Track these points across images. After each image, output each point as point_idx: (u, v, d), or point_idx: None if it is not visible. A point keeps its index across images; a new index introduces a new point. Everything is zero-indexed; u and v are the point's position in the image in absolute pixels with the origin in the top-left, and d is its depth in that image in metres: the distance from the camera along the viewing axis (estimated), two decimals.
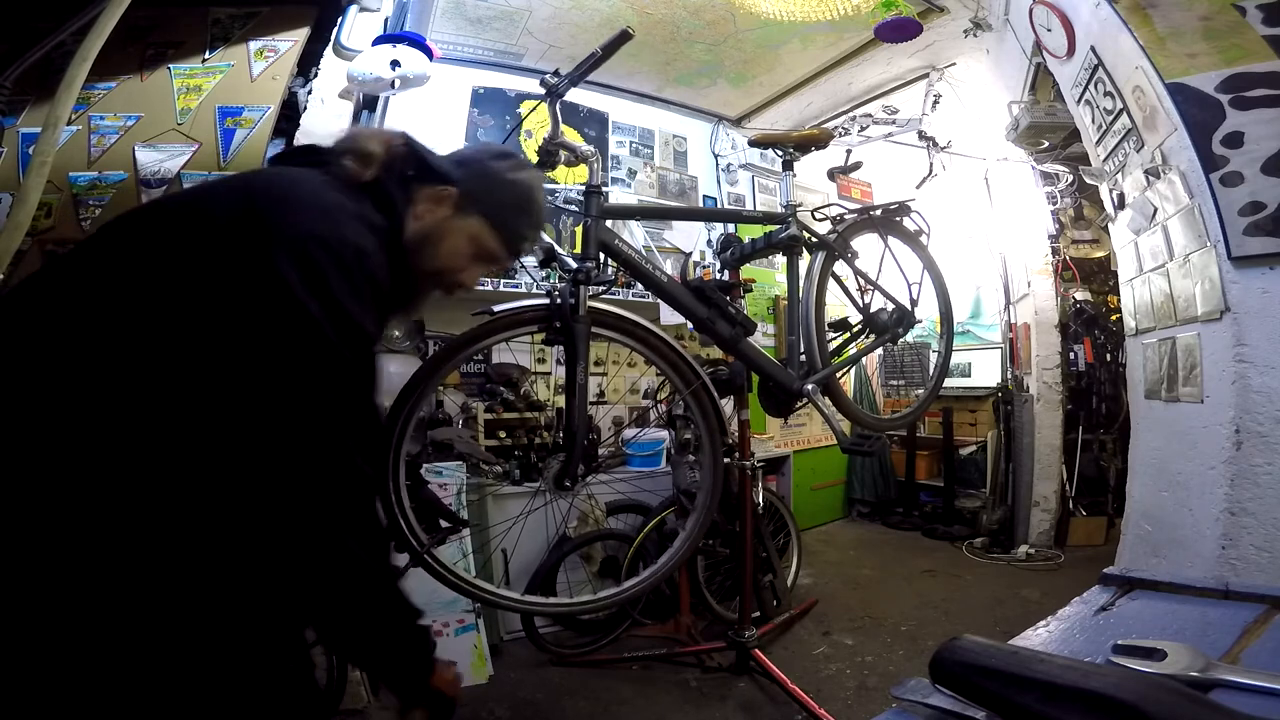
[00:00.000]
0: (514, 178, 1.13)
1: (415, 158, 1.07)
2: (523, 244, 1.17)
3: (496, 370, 3.17)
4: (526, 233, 1.16)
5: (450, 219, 1.08)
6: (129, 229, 0.87)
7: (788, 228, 1.93)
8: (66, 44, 0.88)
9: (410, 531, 1.43)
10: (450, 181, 1.07)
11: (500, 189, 1.11)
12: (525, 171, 1.16)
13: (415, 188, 1.07)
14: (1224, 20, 1.83)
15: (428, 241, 1.06)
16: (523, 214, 1.14)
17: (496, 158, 1.14)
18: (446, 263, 1.09)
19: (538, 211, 1.17)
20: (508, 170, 1.13)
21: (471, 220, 1.09)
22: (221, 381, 0.79)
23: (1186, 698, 0.42)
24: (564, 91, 1.53)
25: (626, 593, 1.71)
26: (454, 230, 1.08)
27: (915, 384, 4.84)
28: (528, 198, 1.15)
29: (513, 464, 2.91)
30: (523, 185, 1.14)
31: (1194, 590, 0.70)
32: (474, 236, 1.10)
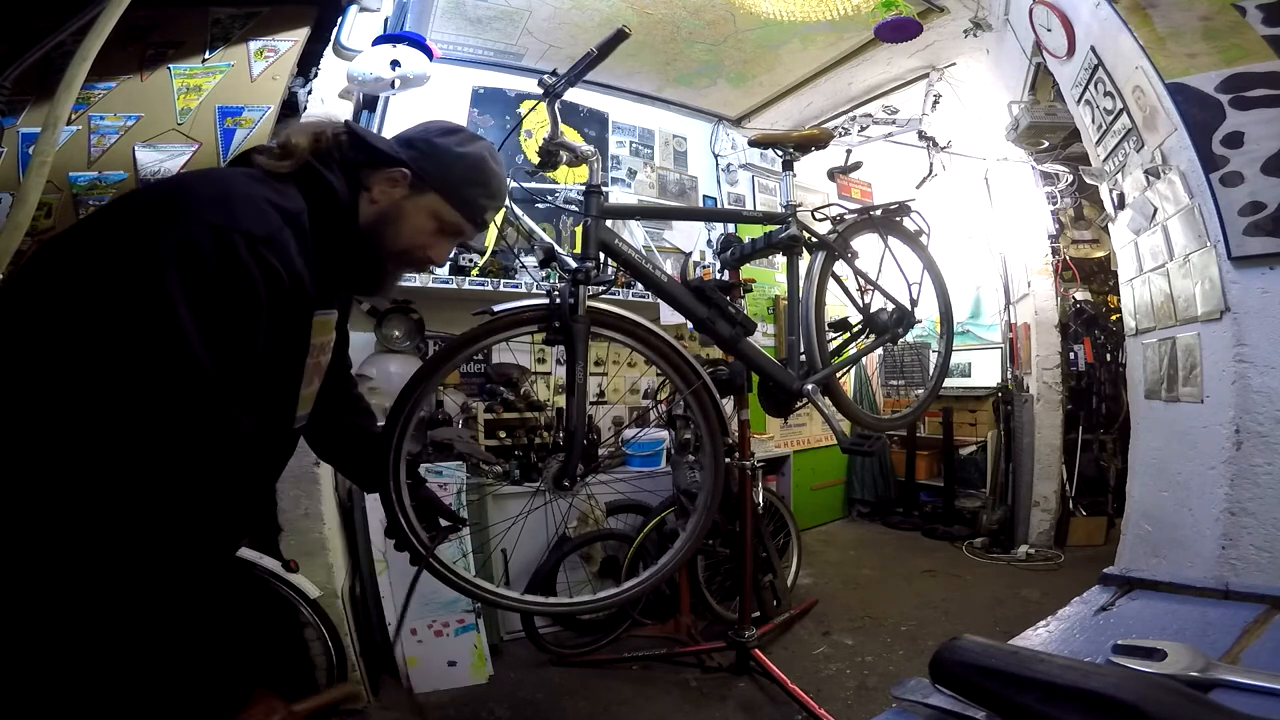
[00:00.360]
0: (464, 150, 1.15)
1: (359, 144, 1.09)
2: (483, 214, 1.19)
3: (496, 370, 3.17)
4: (484, 202, 1.18)
5: (406, 199, 1.11)
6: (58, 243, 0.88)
7: (788, 228, 1.93)
8: (66, 44, 0.88)
9: (411, 531, 1.43)
10: (401, 163, 1.09)
11: (452, 163, 1.13)
12: (475, 144, 1.17)
13: (366, 173, 1.09)
14: (1224, 20, 1.83)
15: (387, 223, 1.10)
16: (477, 185, 1.16)
17: (444, 134, 1.16)
18: (411, 240, 1.13)
19: (493, 180, 1.19)
20: (456, 145, 1.15)
21: (428, 197, 1.12)
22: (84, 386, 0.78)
23: (1186, 698, 0.42)
24: (562, 92, 1.53)
25: (626, 593, 1.70)
26: (413, 209, 1.11)
27: (915, 384, 4.84)
28: (480, 168, 1.16)
29: (513, 464, 2.91)
30: (474, 156, 1.15)
31: (1194, 590, 0.70)
32: (433, 212, 1.13)
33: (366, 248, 1.09)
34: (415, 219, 1.12)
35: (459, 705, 2.30)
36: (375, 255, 1.11)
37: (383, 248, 1.11)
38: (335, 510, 2.37)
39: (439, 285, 2.99)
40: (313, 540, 2.16)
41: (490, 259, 3.21)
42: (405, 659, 2.38)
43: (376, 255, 1.11)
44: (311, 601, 2.01)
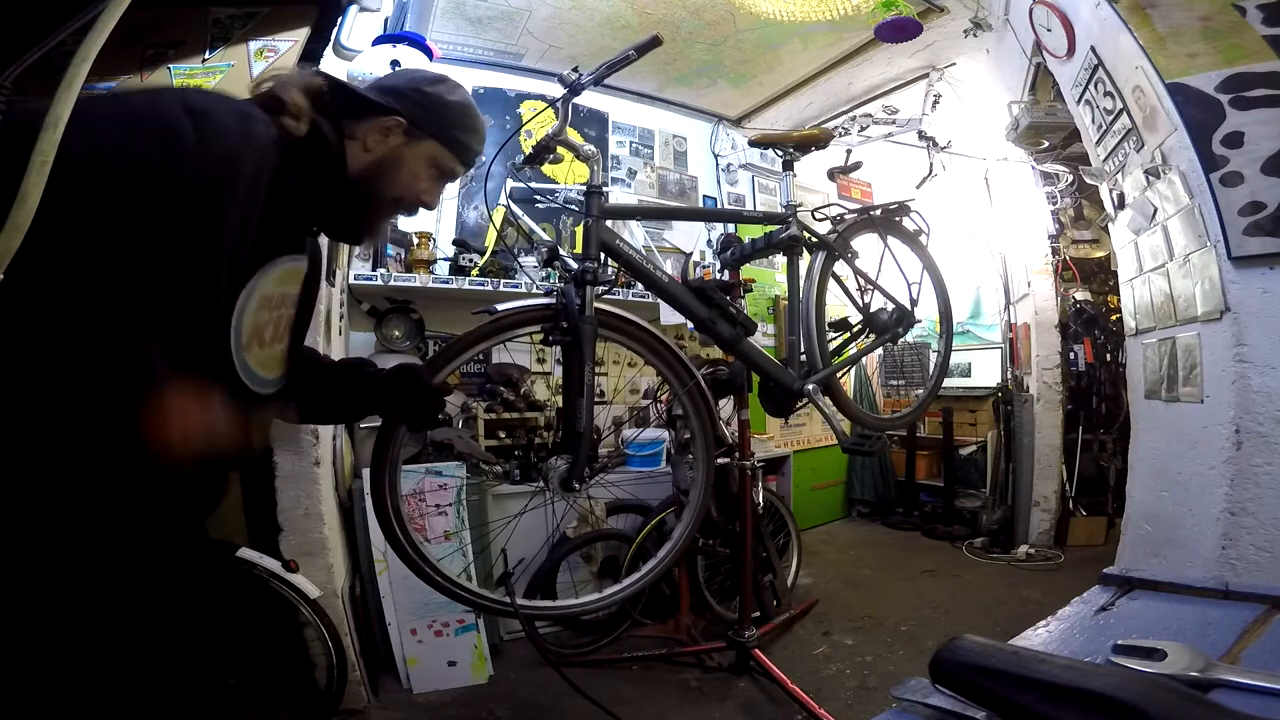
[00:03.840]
0: (454, 99, 1.20)
1: (342, 93, 1.11)
2: (475, 156, 1.25)
3: (496, 370, 3.17)
4: (476, 146, 1.24)
5: (404, 146, 1.14)
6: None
7: (788, 228, 1.93)
8: (66, 44, 0.88)
9: (405, 536, 1.43)
10: (394, 111, 1.12)
11: (446, 110, 1.18)
12: (461, 91, 1.22)
13: (349, 122, 1.11)
14: (1224, 20, 1.83)
15: (384, 170, 1.13)
16: (472, 131, 1.22)
17: (432, 83, 1.20)
18: (409, 187, 1.17)
19: (482, 126, 1.25)
20: (448, 93, 1.19)
21: (426, 144, 1.16)
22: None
23: (1186, 698, 0.42)
24: (584, 89, 1.53)
25: (610, 599, 1.73)
26: (410, 156, 1.15)
27: (915, 384, 4.84)
28: (471, 114, 1.22)
29: (512, 464, 2.91)
30: (465, 105, 1.21)
31: (1194, 590, 0.70)
32: (431, 158, 1.17)
33: (356, 194, 1.11)
34: (413, 165, 1.15)
35: (459, 705, 2.30)
36: (367, 201, 1.13)
37: (377, 195, 1.14)
38: (335, 510, 2.37)
39: (439, 285, 2.98)
40: (313, 540, 2.16)
41: (490, 259, 3.21)
42: (405, 659, 2.38)
43: (369, 201, 1.14)
44: (311, 601, 2.01)
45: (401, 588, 2.38)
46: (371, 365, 1.30)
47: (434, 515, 2.47)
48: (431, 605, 2.34)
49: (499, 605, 1.55)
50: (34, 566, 0.82)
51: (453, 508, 2.49)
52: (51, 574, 0.83)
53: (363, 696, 2.21)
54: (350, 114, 1.11)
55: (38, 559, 0.82)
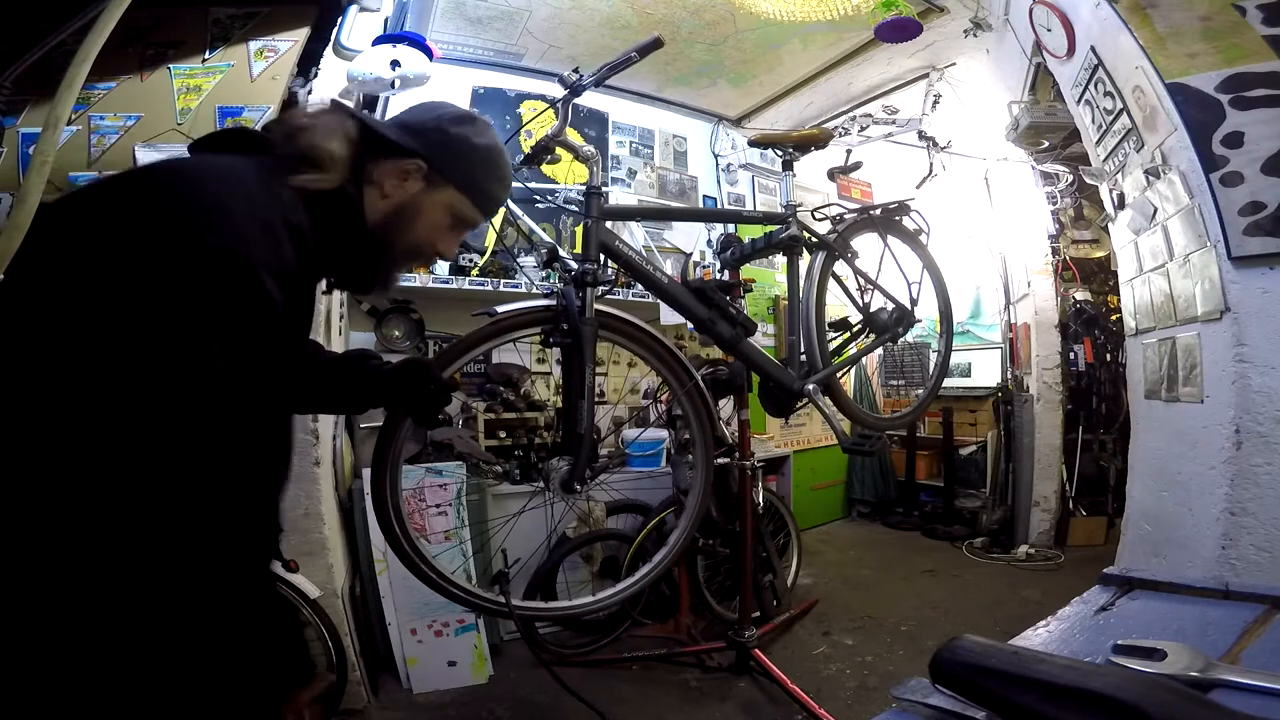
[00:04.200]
0: (482, 143, 1.10)
1: (366, 135, 1.02)
2: (497, 206, 1.17)
3: (496, 370, 3.17)
4: (501, 195, 1.15)
5: (423, 193, 1.04)
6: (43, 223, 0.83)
7: (788, 228, 1.93)
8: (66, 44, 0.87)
9: (404, 534, 1.43)
10: (413, 153, 1.02)
11: (470, 156, 1.08)
12: (489, 133, 1.12)
13: (369, 164, 1.01)
14: (1224, 20, 1.83)
15: (401, 219, 1.03)
16: (495, 180, 1.12)
17: (459, 123, 1.09)
18: (425, 237, 1.07)
19: (509, 174, 1.16)
20: (475, 136, 1.09)
21: (446, 192, 1.06)
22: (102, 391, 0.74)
23: (1186, 698, 0.42)
24: (585, 89, 1.52)
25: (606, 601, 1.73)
26: (429, 205, 1.05)
27: (915, 384, 4.84)
28: (498, 161, 1.12)
29: (513, 464, 2.91)
30: (494, 150, 1.11)
31: (1194, 590, 0.70)
32: (451, 208, 1.08)
33: (373, 246, 1.02)
34: (431, 215, 1.06)
35: (459, 705, 2.30)
36: (382, 251, 1.04)
37: (393, 245, 1.04)
38: (335, 510, 2.37)
39: (439, 285, 2.98)
40: (313, 540, 2.16)
41: (490, 259, 3.21)
42: (405, 659, 2.38)
43: (384, 251, 1.04)
44: (311, 601, 2.01)
45: (401, 588, 2.38)
46: (376, 357, 1.26)
47: (434, 515, 2.47)
48: (431, 605, 2.34)
49: (495, 605, 1.54)
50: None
51: (452, 507, 2.49)
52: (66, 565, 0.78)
53: (363, 696, 2.21)
54: (370, 155, 1.01)
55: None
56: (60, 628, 0.73)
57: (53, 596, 0.73)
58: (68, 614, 0.73)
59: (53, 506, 0.73)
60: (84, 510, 0.73)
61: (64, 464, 0.73)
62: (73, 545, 0.73)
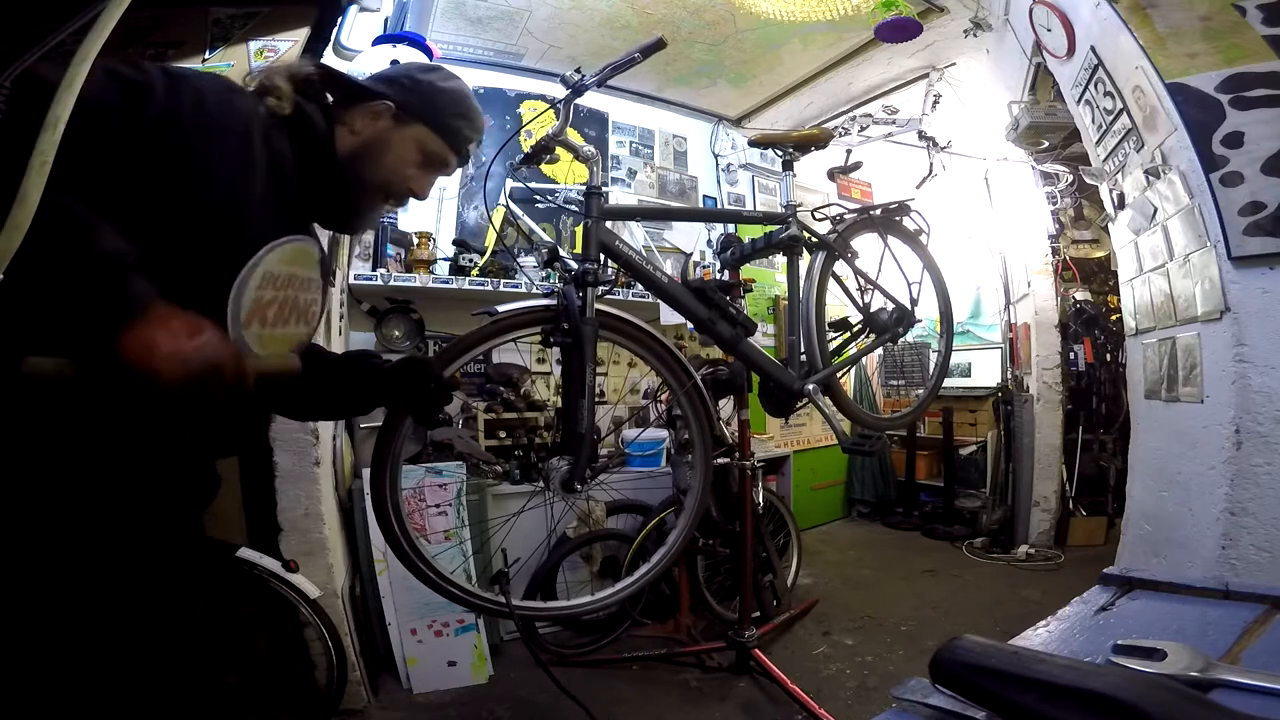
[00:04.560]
0: (447, 85, 1.17)
1: (334, 81, 1.12)
2: (467, 144, 1.21)
3: (496, 370, 3.17)
4: (469, 133, 1.20)
5: (391, 129, 1.12)
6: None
7: (788, 228, 1.93)
8: (66, 44, 0.87)
9: (404, 533, 1.43)
10: (383, 96, 1.11)
11: (437, 96, 1.15)
12: (456, 80, 1.20)
13: (340, 110, 1.10)
14: (1224, 20, 1.83)
15: (370, 153, 1.10)
16: (462, 118, 1.18)
17: (426, 71, 1.18)
18: (395, 171, 1.13)
19: (475, 114, 1.21)
20: (440, 80, 1.17)
21: (414, 128, 1.13)
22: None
23: (1186, 698, 0.42)
24: (586, 90, 1.52)
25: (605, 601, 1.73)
26: (398, 139, 1.12)
27: (915, 384, 4.84)
28: (464, 101, 1.19)
29: (513, 464, 2.91)
30: (457, 90, 1.18)
31: (1194, 590, 0.70)
32: (419, 142, 1.14)
33: (344, 178, 1.09)
34: (400, 149, 1.13)
35: (459, 705, 2.30)
36: (353, 185, 1.11)
37: (363, 178, 1.11)
38: (335, 510, 2.37)
39: (439, 285, 2.99)
40: (313, 540, 2.16)
41: (490, 259, 3.21)
42: (405, 659, 2.38)
43: (355, 185, 1.11)
44: (311, 601, 2.01)
45: (401, 588, 2.38)
46: (376, 356, 1.26)
47: (434, 515, 2.48)
48: (431, 605, 2.34)
49: (494, 606, 1.54)
50: (26, 556, 0.82)
51: (452, 507, 2.49)
52: (45, 563, 0.84)
53: (363, 696, 2.21)
54: (344, 101, 1.11)
55: (31, 548, 0.82)
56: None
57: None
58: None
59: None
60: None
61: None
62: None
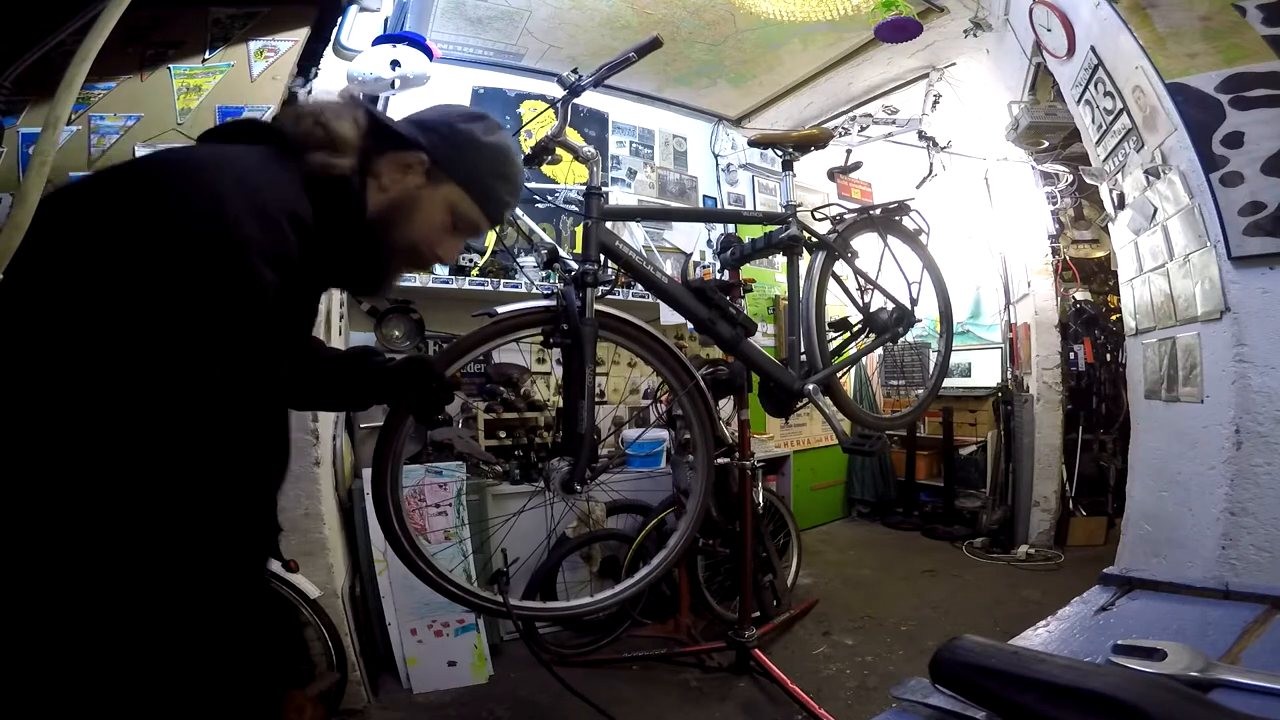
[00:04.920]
0: (490, 140, 1.05)
1: (374, 126, 0.99)
2: (504, 211, 1.11)
3: (496, 370, 3.17)
4: (507, 199, 1.09)
5: (423, 188, 1.00)
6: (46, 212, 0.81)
7: (788, 228, 1.93)
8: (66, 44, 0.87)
9: (404, 534, 1.43)
10: (417, 146, 0.99)
11: (476, 153, 1.03)
12: (500, 133, 1.08)
13: (374, 157, 0.98)
14: (1224, 20, 1.83)
15: (398, 213, 0.98)
16: (502, 179, 1.07)
17: (468, 120, 1.05)
18: (422, 235, 1.01)
19: (517, 175, 1.11)
20: (483, 133, 1.04)
21: (447, 188, 1.01)
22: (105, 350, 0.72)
23: (1186, 698, 0.42)
24: (583, 90, 1.52)
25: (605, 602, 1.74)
26: (428, 200, 1.00)
27: (915, 384, 4.84)
28: (506, 160, 1.07)
29: (513, 464, 2.91)
30: (500, 149, 1.06)
31: (1194, 590, 0.70)
32: (451, 205, 1.02)
33: (371, 241, 0.97)
34: (430, 211, 1.01)
35: (459, 705, 2.30)
36: (380, 250, 0.99)
37: (390, 242, 0.99)
38: (335, 510, 2.37)
39: (439, 285, 2.99)
40: (313, 540, 2.16)
41: (490, 259, 3.21)
42: (405, 659, 2.38)
43: (382, 250, 0.99)
44: (311, 601, 2.01)
45: (401, 588, 2.38)
46: (379, 354, 1.23)
47: (434, 515, 2.48)
48: (431, 605, 2.34)
49: (493, 605, 1.54)
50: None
51: (452, 507, 2.49)
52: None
53: (363, 696, 2.21)
54: (380, 146, 0.99)
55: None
56: (60, 631, 0.72)
57: (53, 599, 0.72)
58: (67, 617, 0.73)
59: (52, 507, 0.72)
60: (81, 511, 0.72)
61: (65, 466, 0.72)
62: (69, 546, 0.72)
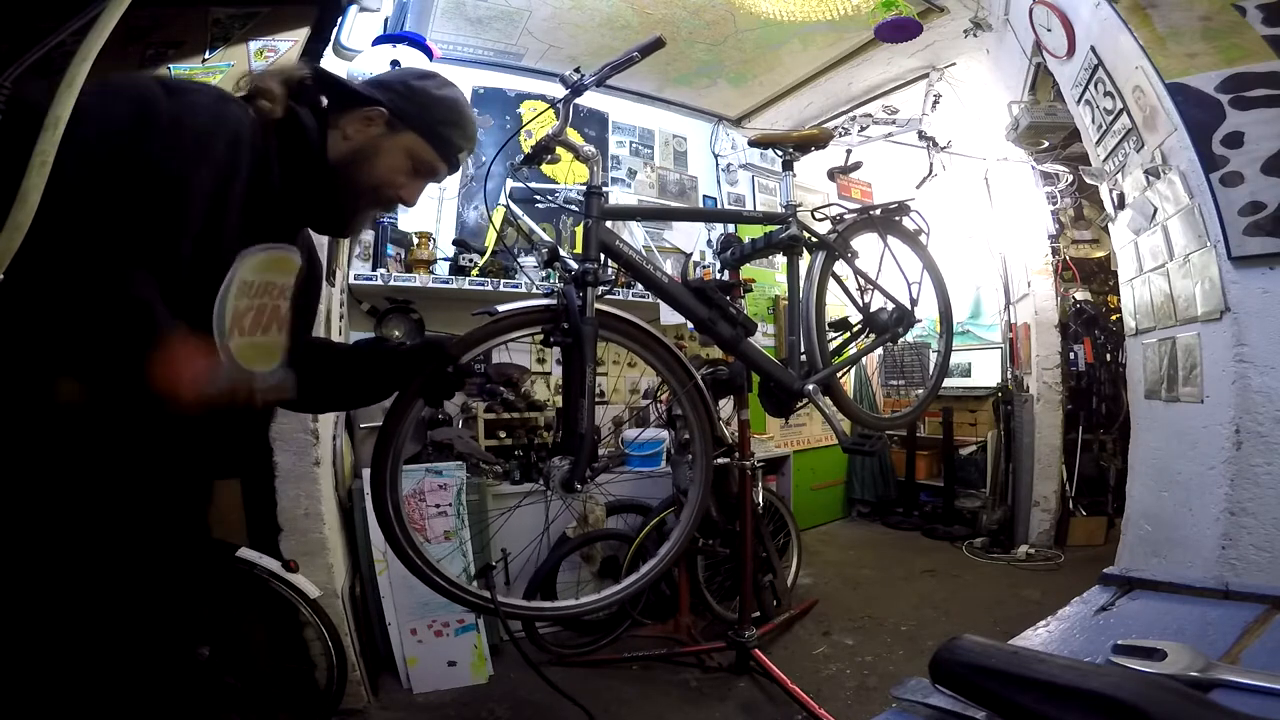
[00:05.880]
0: (441, 94, 1.17)
1: (327, 85, 1.12)
2: (458, 154, 1.21)
3: (496, 370, 3.17)
4: (460, 143, 1.20)
5: (383, 136, 1.12)
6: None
7: (788, 228, 1.93)
8: (66, 44, 0.88)
9: (405, 536, 1.43)
10: (376, 102, 1.11)
11: (431, 104, 1.15)
12: (451, 88, 1.20)
13: (335, 114, 1.11)
14: (1224, 20, 1.83)
15: (361, 158, 1.11)
16: (455, 126, 1.18)
17: (420, 78, 1.18)
18: (385, 177, 1.13)
19: (469, 123, 1.21)
20: (435, 88, 1.17)
21: (406, 135, 1.13)
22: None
23: (1186, 698, 0.42)
24: (586, 89, 1.52)
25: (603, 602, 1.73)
26: (389, 147, 1.12)
27: (915, 384, 4.84)
28: (458, 109, 1.19)
29: (512, 464, 2.91)
30: (452, 99, 1.18)
31: (1194, 590, 0.70)
32: (410, 150, 1.14)
33: (335, 182, 1.09)
34: (391, 156, 1.13)
35: (459, 705, 2.30)
36: (344, 190, 1.11)
37: (354, 183, 1.11)
38: (335, 510, 2.37)
39: (439, 285, 2.98)
40: (313, 540, 2.16)
41: (490, 259, 3.21)
42: (405, 659, 2.38)
43: (345, 190, 1.11)
44: (311, 601, 2.01)
45: (401, 588, 2.38)
46: (388, 340, 1.31)
47: (434, 516, 2.48)
48: (431, 605, 2.34)
49: (479, 601, 1.52)
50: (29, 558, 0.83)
51: (452, 507, 2.49)
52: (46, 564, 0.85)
53: (363, 696, 2.22)
54: (338, 106, 1.11)
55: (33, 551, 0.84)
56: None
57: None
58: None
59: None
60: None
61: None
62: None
